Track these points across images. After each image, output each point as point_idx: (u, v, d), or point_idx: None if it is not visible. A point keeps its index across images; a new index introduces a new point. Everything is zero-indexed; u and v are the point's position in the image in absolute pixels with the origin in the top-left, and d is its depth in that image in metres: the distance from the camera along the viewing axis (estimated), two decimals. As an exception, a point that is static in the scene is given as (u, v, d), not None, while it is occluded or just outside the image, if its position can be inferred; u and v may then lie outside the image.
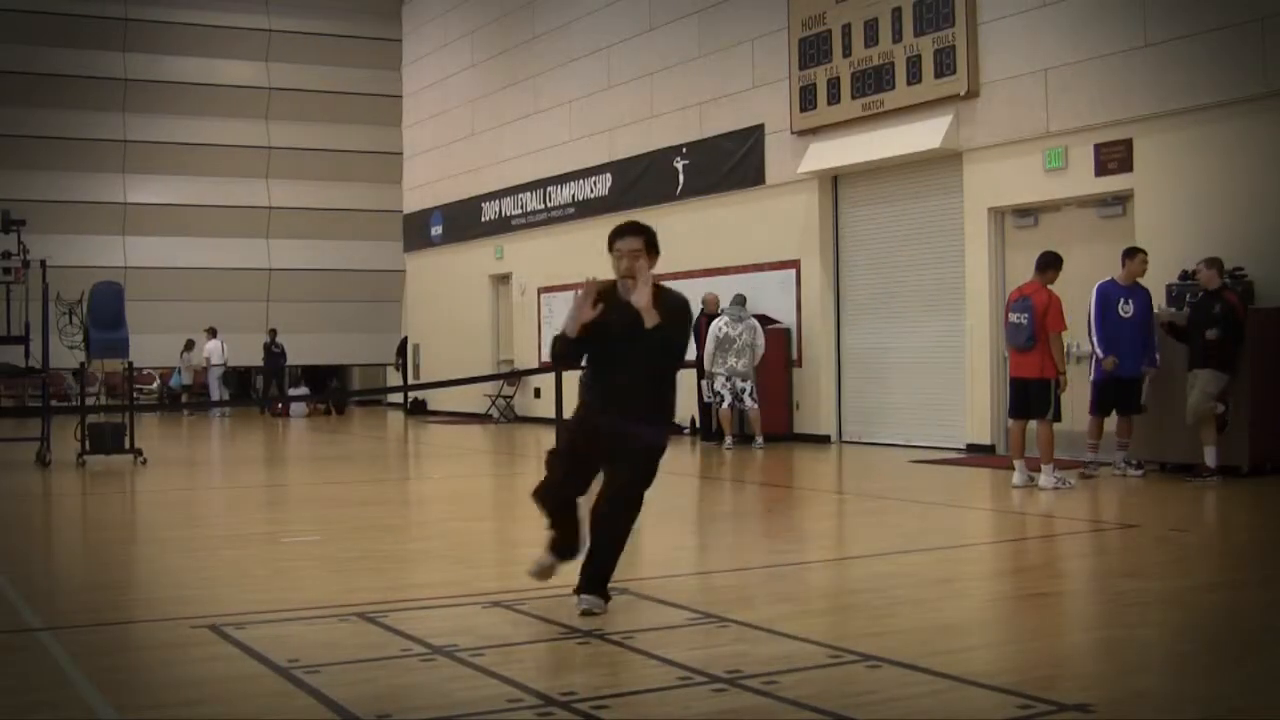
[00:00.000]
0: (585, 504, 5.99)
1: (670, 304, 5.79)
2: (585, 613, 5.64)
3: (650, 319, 5.67)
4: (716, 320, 15.48)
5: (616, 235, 5.86)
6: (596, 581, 5.77)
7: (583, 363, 6.05)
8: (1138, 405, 11.17)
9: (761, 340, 15.37)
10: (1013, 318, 10.63)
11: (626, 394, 5.80)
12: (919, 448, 14.53)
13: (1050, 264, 10.70)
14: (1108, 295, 11.16)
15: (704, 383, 15.65)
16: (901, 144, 14.62)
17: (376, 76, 28.27)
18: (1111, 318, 11.07)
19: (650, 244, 5.85)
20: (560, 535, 5.97)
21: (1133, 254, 11.32)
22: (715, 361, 15.26)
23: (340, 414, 26.83)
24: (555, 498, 5.92)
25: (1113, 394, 11.17)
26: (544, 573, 6.04)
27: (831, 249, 16.09)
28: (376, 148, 28.33)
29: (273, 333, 26.81)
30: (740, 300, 15.64)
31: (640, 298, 5.67)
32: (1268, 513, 9.66)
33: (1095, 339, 11.10)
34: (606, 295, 5.82)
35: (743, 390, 15.24)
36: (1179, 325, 11.00)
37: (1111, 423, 11.38)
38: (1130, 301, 11.13)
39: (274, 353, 26.72)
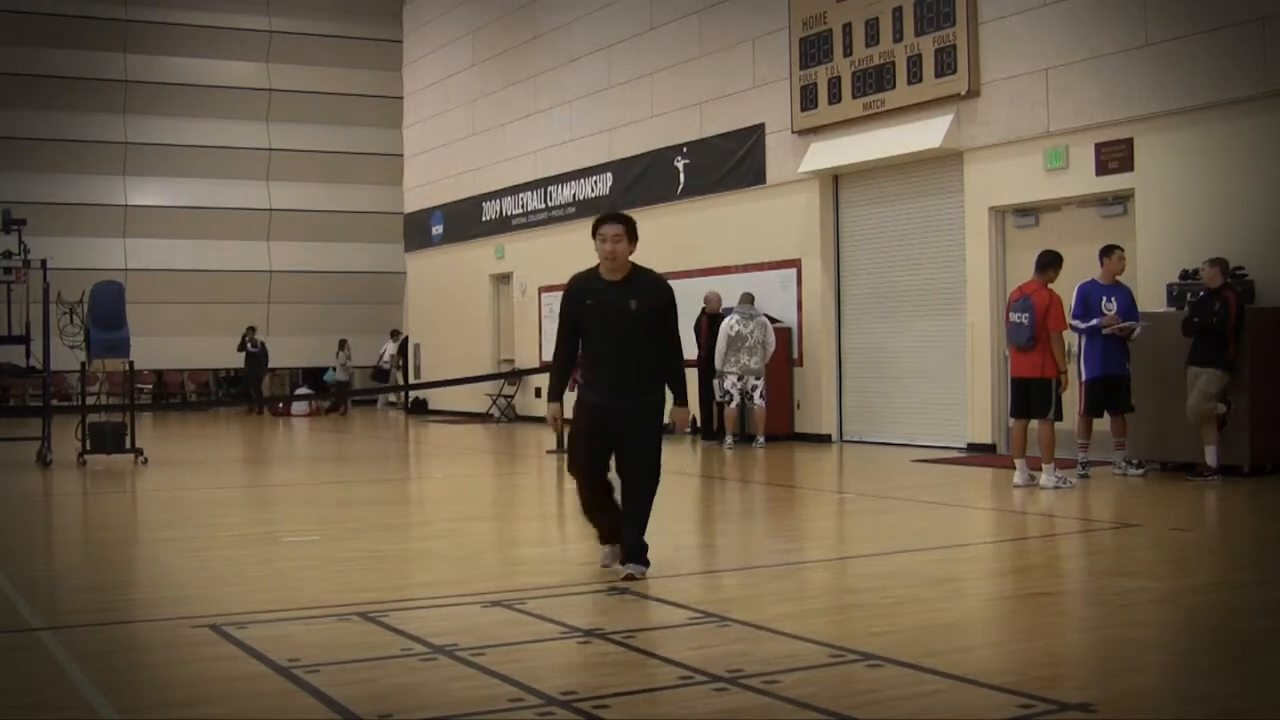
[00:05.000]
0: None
1: (648, 282, 6.66)
2: (629, 577, 6.47)
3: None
4: (727, 319, 15.49)
5: (601, 222, 6.62)
6: (637, 550, 6.59)
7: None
8: (1128, 404, 11.16)
9: (772, 338, 15.40)
10: (1013, 317, 10.63)
11: (620, 371, 6.56)
12: (920, 447, 14.53)
13: (1050, 263, 10.70)
14: (1089, 295, 11.16)
15: (715, 382, 15.65)
16: (902, 143, 14.62)
17: (377, 77, 28.30)
18: (1095, 318, 11.06)
19: (631, 232, 6.61)
20: (605, 521, 6.72)
21: (1110, 252, 11.32)
22: (728, 361, 15.28)
23: (344, 414, 26.81)
24: (590, 478, 6.63)
25: (1102, 393, 11.16)
26: (606, 561, 6.77)
27: (832, 248, 16.09)
28: (377, 149, 28.35)
29: (250, 330, 26.64)
30: (749, 298, 15.65)
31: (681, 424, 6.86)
32: (1268, 512, 9.65)
33: (1082, 338, 11.08)
34: (589, 283, 6.62)
35: (755, 389, 15.27)
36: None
37: (1105, 423, 11.39)
38: (1113, 300, 11.14)
39: (252, 353, 26.56)
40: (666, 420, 6.73)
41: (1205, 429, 10.60)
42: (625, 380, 6.56)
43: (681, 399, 6.79)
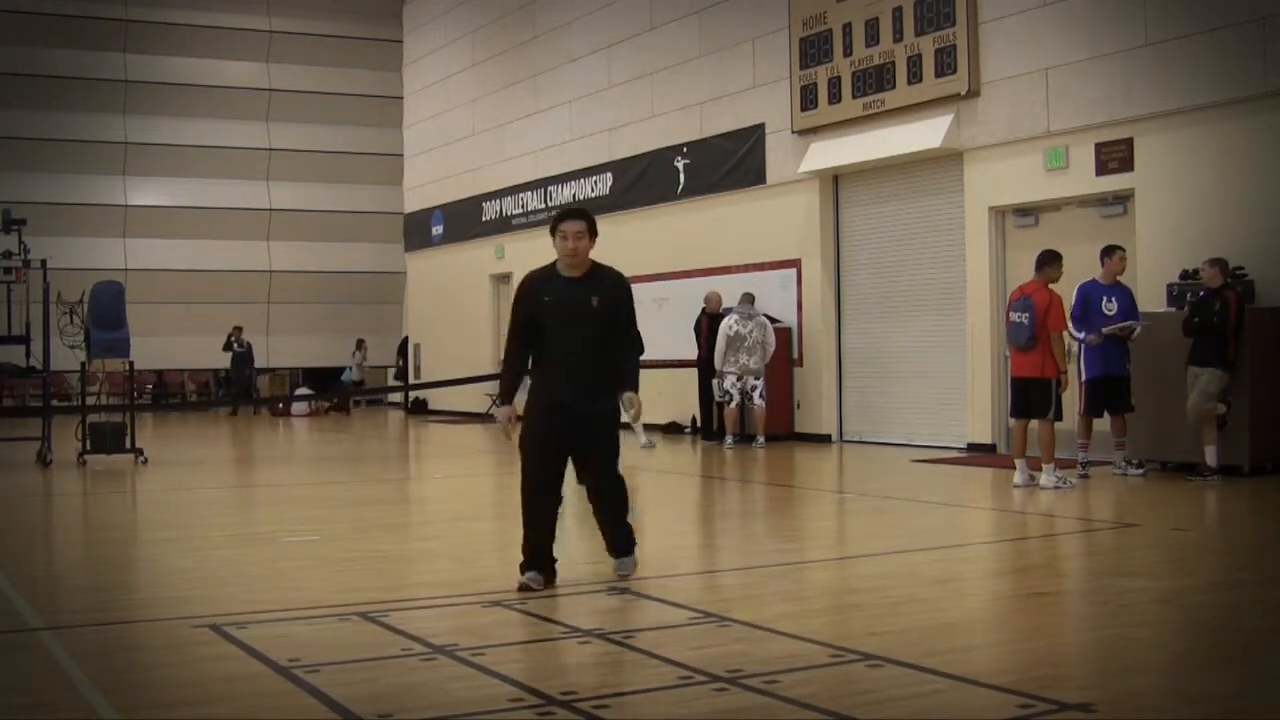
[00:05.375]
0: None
1: (608, 279, 6.46)
2: (622, 574, 6.45)
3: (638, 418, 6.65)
4: (726, 319, 15.49)
5: (561, 219, 6.43)
6: (624, 546, 6.59)
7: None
8: (1128, 404, 11.16)
9: (772, 338, 15.40)
10: (1013, 316, 10.63)
11: (580, 369, 6.35)
12: (920, 447, 14.53)
13: (1047, 262, 10.69)
14: (1089, 295, 11.15)
15: (714, 381, 15.65)
16: (902, 143, 14.62)
17: (377, 77, 28.31)
18: (1095, 318, 11.06)
19: (592, 228, 6.42)
20: (540, 541, 6.36)
21: (1111, 252, 11.32)
22: (727, 360, 15.28)
23: (348, 413, 26.80)
24: (543, 482, 6.37)
25: (1103, 393, 11.16)
26: (524, 587, 6.29)
27: (832, 248, 16.09)
28: (377, 149, 28.36)
29: (237, 330, 26.35)
30: (749, 298, 15.65)
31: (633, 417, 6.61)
32: (1268, 512, 9.66)
33: (1074, 333, 11.09)
34: (547, 280, 6.41)
35: (754, 389, 15.27)
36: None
37: (1105, 423, 11.38)
38: (1113, 300, 11.13)
39: (238, 353, 26.25)
40: (624, 418, 6.68)
41: (1205, 429, 10.60)
42: (583, 380, 6.35)
43: (633, 385, 6.49)
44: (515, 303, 6.50)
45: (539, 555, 6.36)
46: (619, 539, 6.62)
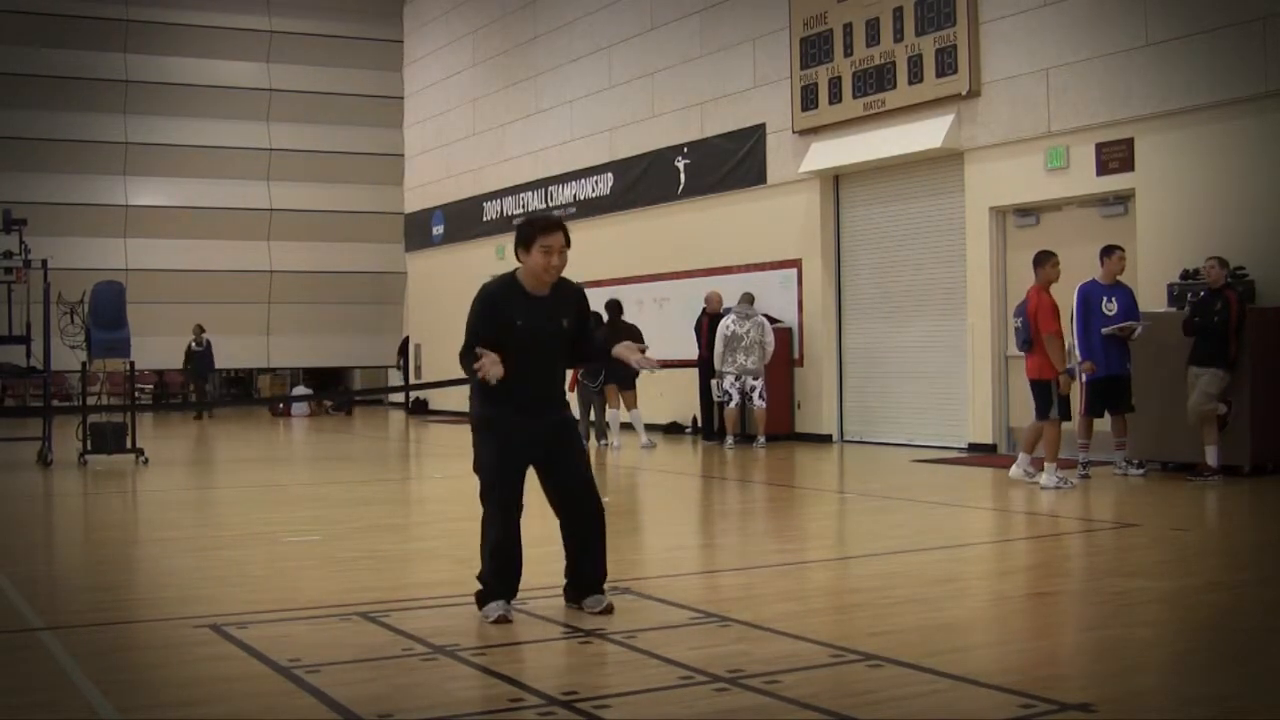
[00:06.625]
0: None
1: (571, 295, 5.90)
2: (607, 610, 5.68)
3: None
4: (724, 319, 15.49)
5: (543, 230, 5.71)
6: (602, 580, 5.84)
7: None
8: (1129, 404, 11.16)
9: (770, 337, 15.39)
10: (1014, 321, 10.67)
11: (544, 389, 5.86)
12: (921, 447, 14.53)
13: (1039, 263, 10.69)
14: (1089, 296, 11.13)
15: (714, 381, 15.65)
16: (903, 143, 14.62)
17: (377, 77, 28.30)
18: (1096, 319, 11.04)
19: (568, 240, 5.79)
20: (512, 569, 5.71)
21: (1110, 252, 11.30)
22: (725, 360, 15.28)
23: (349, 414, 26.78)
24: (512, 504, 5.69)
25: (1103, 394, 11.15)
26: (501, 620, 5.59)
27: (833, 248, 16.09)
28: (378, 149, 28.35)
29: (199, 329, 25.68)
30: (748, 298, 15.65)
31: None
32: (1269, 512, 9.65)
33: (1078, 343, 11.07)
34: (512, 298, 5.80)
35: (754, 389, 15.27)
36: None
37: (1105, 423, 11.38)
38: (1113, 300, 11.11)
39: (195, 351, 25.60)
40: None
41: (1206, 429, 10.60)
42: (548, 395, 5.90)
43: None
44: (477, 318, 5.84)
45: (513, 582, 5.74)
46: (601, 567, 5.85)
